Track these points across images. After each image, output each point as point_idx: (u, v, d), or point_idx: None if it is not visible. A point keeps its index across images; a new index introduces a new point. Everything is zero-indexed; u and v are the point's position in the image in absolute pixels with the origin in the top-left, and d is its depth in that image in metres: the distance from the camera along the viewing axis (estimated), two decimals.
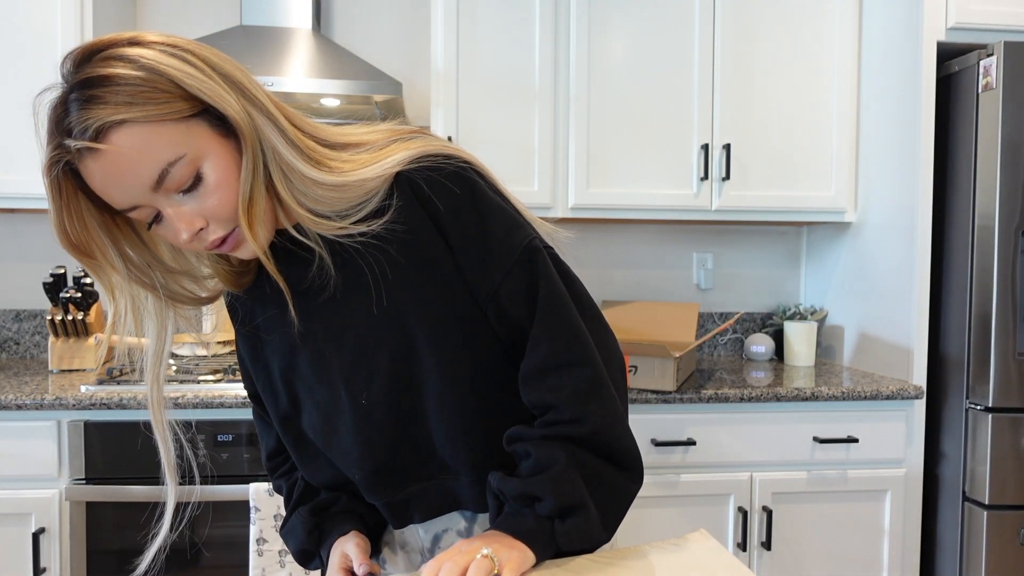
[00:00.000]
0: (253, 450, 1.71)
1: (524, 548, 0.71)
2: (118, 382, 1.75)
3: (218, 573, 1.71)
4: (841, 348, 2.30)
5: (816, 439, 1.86)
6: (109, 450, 1.67)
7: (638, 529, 1.84)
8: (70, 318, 1.98)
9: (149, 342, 0.80)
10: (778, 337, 2.46)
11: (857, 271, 2.21)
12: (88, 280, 2.05)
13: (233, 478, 1.69)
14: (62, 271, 2.03)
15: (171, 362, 1.94)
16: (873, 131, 2.10)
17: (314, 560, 0.93)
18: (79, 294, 1.99)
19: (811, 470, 1.88)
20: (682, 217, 2.15)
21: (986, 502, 1.79)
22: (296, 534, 0.92)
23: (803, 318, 2.34)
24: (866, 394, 1.85)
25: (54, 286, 2.00)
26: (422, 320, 0.77)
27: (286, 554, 1.23)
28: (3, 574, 1.67)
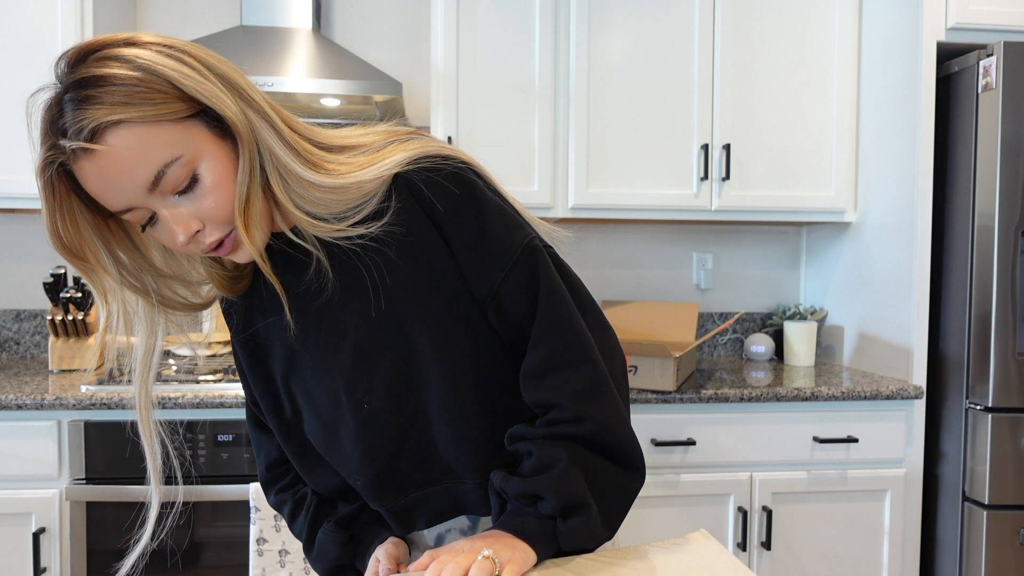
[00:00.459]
0: (253, 451, 1.71)
1: (526, 548, 0.71)
2: (118, 382, 1.75)
3: (218, 573, 1.72)
4: (841, 348, 2.30)
5: (816, 439, 1.87)
6: (109, 450, 1.67)
7: (638, 529, 1.84)
8: (70, 318, 1.98)
9: (137, 347, 0.79)
10: (778, 337, 2.46)
11: (857, 271, 2.21)
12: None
13: (233, 478, 1.69)
14: (62, 271, 2.03)
15: (171, 362, 1.94)
16: (873, 131, 2.10)
17: (349, 574, 0.90)
18: (79, 294, 1.99)
19: (811, 470, 1.88)
20: (682, 217, 2.15)
21: (986, 502, 1.79)
22: (328, 551, 0.88)
23: (803, 318, 2.34)
24: (866, 394, 1.85)
25: (54, 286, 2.00)
26: (423, 322, 0.77)
27: (286, 554, 1.23)
28: (3, 574, 1.68)
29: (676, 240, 2.51)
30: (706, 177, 2.11)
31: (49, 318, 1.98)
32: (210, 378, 1.80)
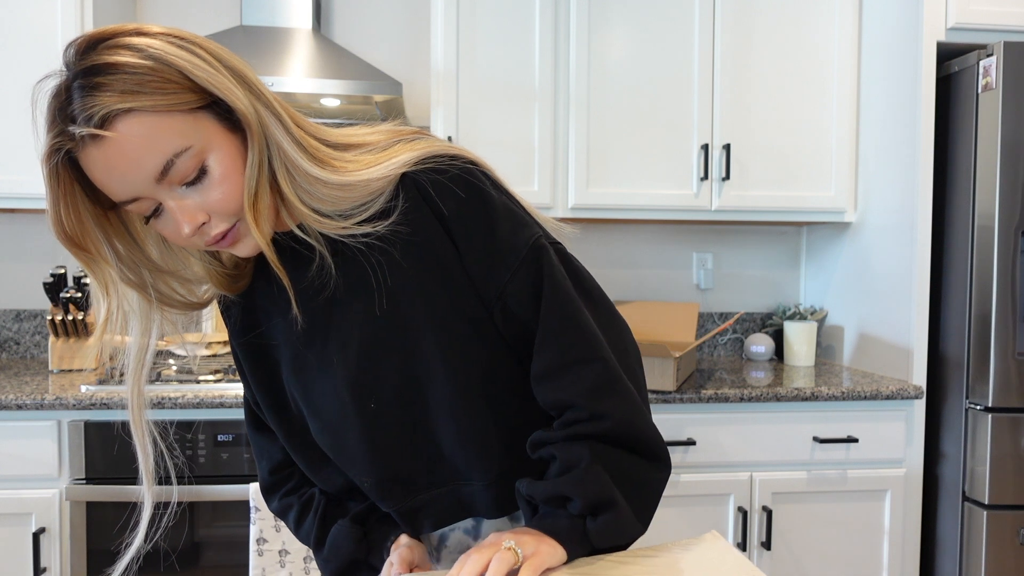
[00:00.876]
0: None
1: (554, 544, 0.70)
2: (118, 382, 1.75)
3: (218, 573, 1.72)
4: (841, 348, 2.30)
5: (816, 439, 1.87)
6: (109, 450, 1.67)
7: None
8: (70, 318, 1.98)
9: (131, 344, 0.78)
10: (778, 337, 2.46)
11: (857, 271, 2.21)
12: (88, 280, 2.05)
13: (233, 478, 1.69)
14: (62, 271, 2.03)
15: (171, 362, 1.94)
16: (873, 131, 2.10)
17: (363, 571, 0.89)
18: (79, 294, 1.99)
19: (811, 470, 1.88)
20: (682, 217, 2.15)
21: (986, 502, 1.79)
22: (341, 547, 0.87)
23: (803, 318, 2.34)
24: (866, 394, 1.85)
25: (54, 286, 2.00)
26: (429, 323, 0.77)
27: (286, 554, 1.23)
28: (3, 574, 1.68)
29: (676, 240, 2.51)
30: (706, 177, 2.11)
31: (49, 318, 1.98)
32: (210, 378, 1.80)
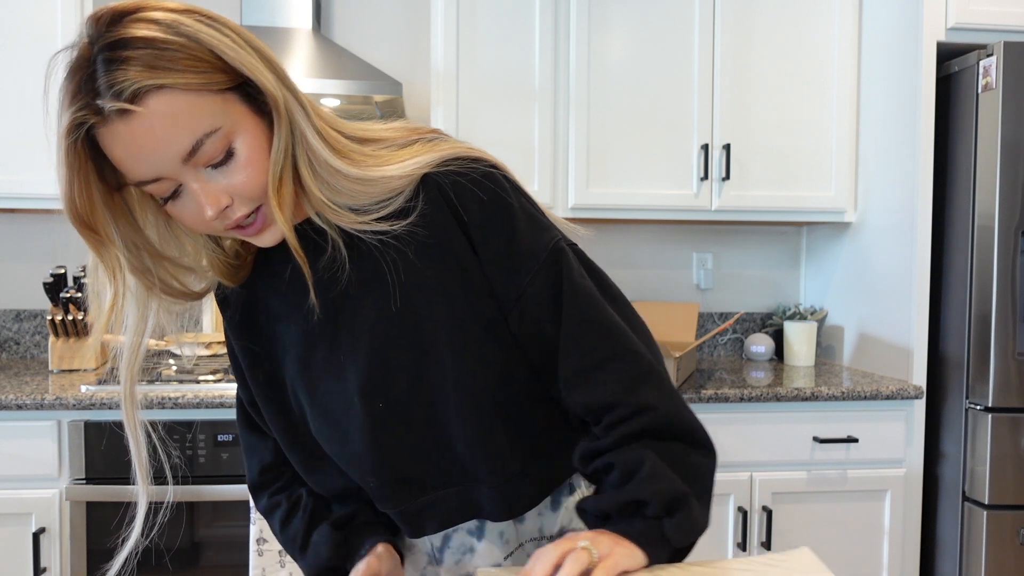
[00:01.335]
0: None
1: (632, 546, 0.68)
2: (118, 382, 1.75)
3: (218, 573, 1.72)
4: (841, 348, 2.30)
5: (816, 439, 1.86)
6: (109, 450, 1.67)
7: None
8: (70, 318, 1.98)
9: (125, 337, 0.76)
10: (778, 337, 2.46)
11: (857, 271, 2.21)
12: (88, 280, 2.04)
13: (233, 478, 1.69)
14: (62, 271, 2.03)
15: (171, 362, 1.94)
16: (873, 131, 2.10)
17: None
18: (79, 294, 1.99)
19: (811, 470, 1.88)
20: (682, 217, 2.15)
21: (986, 502, 1.79)
22: (320, 553, 0.86)
23: (803, 318, 2.34)
24: (866, 394, 1.85)
25: (54, 286, 2.00)
26: (442, 323, 0.76)
27: (286, 554, 1.23)
28: (3, 574, 1.68)
29: (676, 240, 2.51)
30: (706, 177, 2.11)
31: (49, 318, 1.98)
32: (210, 378, 1.80)
